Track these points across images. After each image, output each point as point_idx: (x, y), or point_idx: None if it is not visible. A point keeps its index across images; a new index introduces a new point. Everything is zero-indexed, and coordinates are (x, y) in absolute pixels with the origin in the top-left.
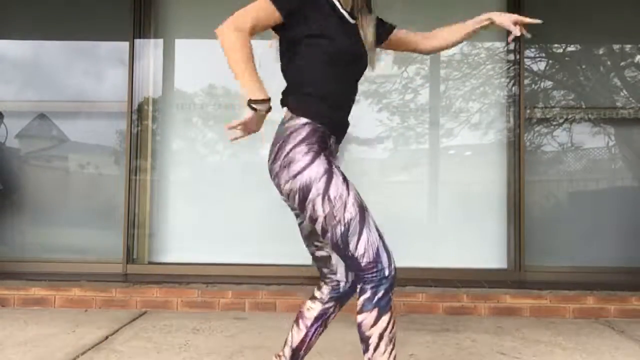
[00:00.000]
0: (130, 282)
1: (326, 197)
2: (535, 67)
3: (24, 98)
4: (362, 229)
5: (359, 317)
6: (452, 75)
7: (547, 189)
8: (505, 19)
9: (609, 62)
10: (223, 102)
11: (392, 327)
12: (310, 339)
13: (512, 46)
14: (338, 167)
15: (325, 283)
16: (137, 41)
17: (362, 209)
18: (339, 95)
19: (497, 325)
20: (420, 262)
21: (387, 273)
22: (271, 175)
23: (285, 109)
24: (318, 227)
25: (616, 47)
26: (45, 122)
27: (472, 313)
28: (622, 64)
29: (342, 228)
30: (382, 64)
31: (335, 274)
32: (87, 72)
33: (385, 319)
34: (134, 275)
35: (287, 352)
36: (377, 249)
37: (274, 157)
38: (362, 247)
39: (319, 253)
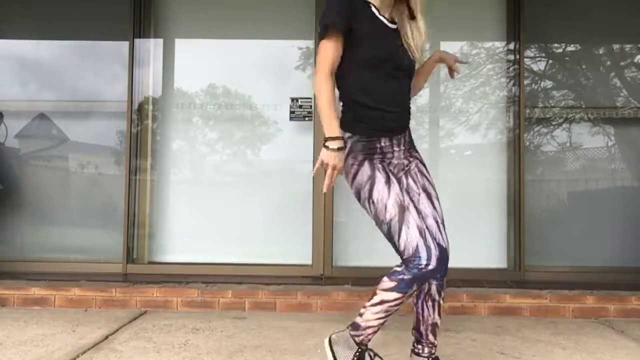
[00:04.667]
0: (130, 282)
1: (371, 200)
2: (535, 67)
3: (24, 98)
4: (401, 228)
5: (384, 277)
6: None
7: (547, 189)
8: (450, 58)
9: (609, 62)
10: (223, 102)
11: (395, 306)
12: (422, 316)
13: (512, 46)
14: (383, 169)
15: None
16: (137, 41)
17: (402, 209)
18: (382, 98)
19: (497, 325)
20: None
21: (422, 266)
22: None
23: None
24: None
25: (616, 47)
26: (45, 122)
27: (472, 313)
28: (622, 64)
29: (386, 227)
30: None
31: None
32: (87, 72)
33: (394, 295)
34: (134, 275)
35: (415, 334)
36: (417, 246)
37: None
38: (402, 244)
39: None
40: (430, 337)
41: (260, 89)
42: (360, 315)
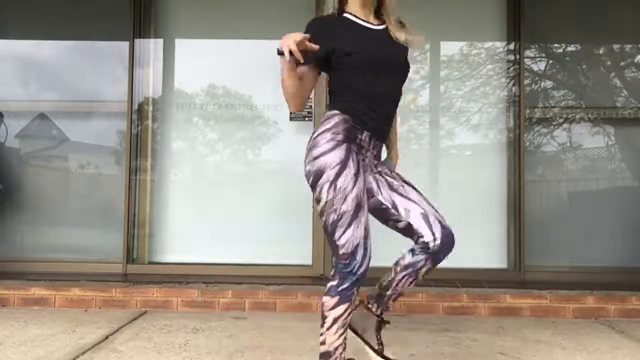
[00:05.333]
0: (130, 282)
1: (333, 185)
2: (535, 67)
3: (24, 98)
4: (351, 224)
5: (324, 297)
6: (452, 76)
7: (547, 189)
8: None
9: (609, 62)
10: (223, 102)
11: (347, 316)
12: (397, 284)
13: (512, 46)
14: (357, 160)
15: (417, 245)
16: (137, 41)
17: (359, 207)
18: (370, 98)
19: (497, 325)
20: None
21: (355, 269)
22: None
23: None
24: (318, 208)
25: (616, 47)
26: (45, 122)
27: (472, 313)
28: (622, 64)
29: (334, 216)
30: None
31: (422, 236)
32: (87, 72)
33: (343, 307)
34: (134, 275)
35: (377, 292)
36: (356, 246)
37: (308, 141)
38: (345, 239)
39: (400, 225)
40: (390, 302)
41: (260, 89)
42: (323, 343)
